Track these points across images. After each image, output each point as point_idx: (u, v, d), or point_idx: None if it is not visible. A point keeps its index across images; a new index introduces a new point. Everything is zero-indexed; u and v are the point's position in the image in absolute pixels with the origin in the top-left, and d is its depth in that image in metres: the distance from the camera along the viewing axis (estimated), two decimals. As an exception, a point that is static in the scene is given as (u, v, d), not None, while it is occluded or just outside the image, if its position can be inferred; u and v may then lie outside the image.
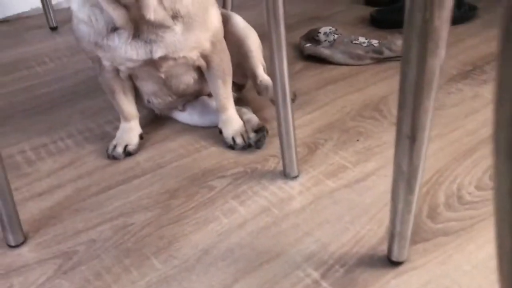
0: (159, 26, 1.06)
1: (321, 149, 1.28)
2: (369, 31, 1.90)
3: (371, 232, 1.01)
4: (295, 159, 1.15)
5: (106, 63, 1.17)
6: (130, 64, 1.14)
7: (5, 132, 1.43)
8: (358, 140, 1.31)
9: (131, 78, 1.25)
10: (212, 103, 1.38)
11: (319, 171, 1.20)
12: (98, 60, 1.18)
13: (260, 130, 1.27)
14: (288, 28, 1.03)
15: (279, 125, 1.09)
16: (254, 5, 2.14)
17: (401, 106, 0.72)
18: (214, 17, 1.17)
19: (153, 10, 1.03)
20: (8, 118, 1.50)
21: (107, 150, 1.29)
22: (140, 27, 1.06)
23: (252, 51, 1.38)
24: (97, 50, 1.13)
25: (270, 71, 1.03)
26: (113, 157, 1.28)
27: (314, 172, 1.20)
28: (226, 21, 1.32)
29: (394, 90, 1.51)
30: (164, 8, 1.05)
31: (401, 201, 0.84)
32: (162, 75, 1.20)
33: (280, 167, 1.22)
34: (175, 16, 1.08)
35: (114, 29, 1.07)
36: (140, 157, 1.30)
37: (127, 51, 1.10)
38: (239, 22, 1.37)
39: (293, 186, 1.15)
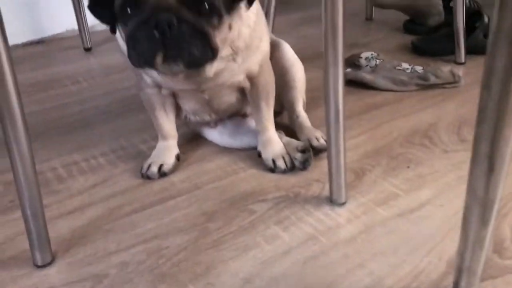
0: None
1: (368, 175, 1.20)
2: (411, 59, 1.84)
3: (431, 266, 0.91)
4: (344, 184, 1.07)
5: (149, 80, 1.13)
6: (176, 88, 1.09)
7: (36, 149, 1.37)
8: (408, 167, 1.22)
9: (173, 95, 1.20)
10: (246, 124, 1.32)
11: (368, 198, 1.11)
12: (141, 76, 1.13)
13: (306, 150, 1.19)
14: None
15: (328, 146, 1.02)
16: (290, 31, 2.10)
17: (479, 127, 0.65)
18: (265, 42, 1.14)
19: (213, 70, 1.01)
20: (40, 134, 1.46)
21: (141, 169, 1.23)
22: None
23: (295, 82, 1.33)
24: (143, 71, 1.09)
25: (323, 90, 0.96)
26: (147, 177, 1.21)
27: (363, 199, 1.11)
28: (274, 47, 1.28)
29: (443, 117, 1.43)
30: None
31: (473, 232, 0.75)
32: (206, 96, 1.17)
33: (325, 192, 1.13)
34: (235, 53, 1.05)
35: None
36: (175, 178, 1.23)
37: (177, 83, 1.07)
38: (287, 51, 1.33)
39: (341, 213, 1.07)
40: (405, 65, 1.66)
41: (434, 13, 2.03)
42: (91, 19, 2.17)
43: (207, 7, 0.89)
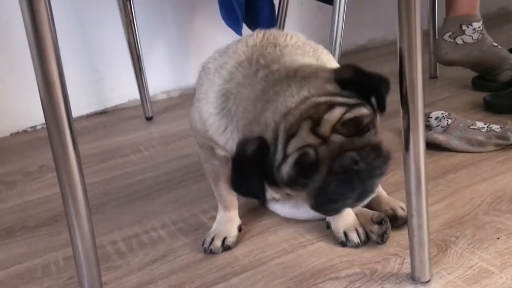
0: None
1: (453, 248, 1.07)
2: (484, 117, 1.71)
3: None
4: (428, 259, 0.95)
5: (220, 152, 1.09)
6: None
7: (97, 221, 1.35)
8: (498, 238, 1.08)
9: None
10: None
11: (455, 275, 0.98)
12: (208, 147, 1.09)
13: (383, 221, 1.08)
14: (391, 114, 0.93)
15: (409, 216, 0.91)
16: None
17: None
18: None
19: None
20: (101, 206, 1.43)
21: (203, 243, 1.16)
22: None
23: None
24: (212, 143, 1.05)
25: (403, 152, 0.88)
26: (210, 251, 1.14)
27: (450, 276, 0.98)
28: None
29: (530, 180, 1.29)
30: None
31: None
32: None
33: (405, 269, 1.01)
34: None
35: None
36: (238, 252, 1.15)
37: None
38: None
39: (426, 294, 0.94)
40: (480, 124, 1.55)
41: (506, 67, 1.91)
42: (152, 89, 2.23)
43: (369, 125, 0.85)
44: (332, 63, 1.03)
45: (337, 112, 0.80)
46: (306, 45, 1.02)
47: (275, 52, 0.95)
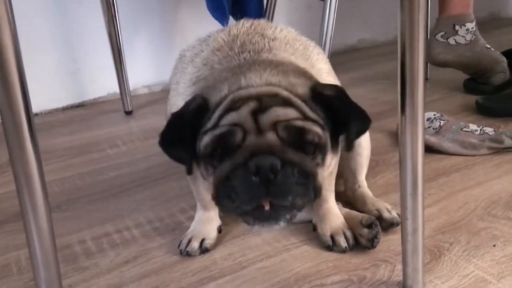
0: None
1: (447, 255, 1.00)
2: (476, 119, 1.66)
3: None
4: (421, 267, 0.88)
5: None
6: None
7: (66, 218, 1.26)
8: (494, 245, 1.02)
9: None
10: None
11: (450, 284, 0.92)
12: None
13: (373, 225, 1.01)
14: (382, 115, 0.86)
15: (403, 221, 0.84)
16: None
17: None
18: None
19: None
20: (71, 202, 1.34)
21: (179, 245, 1.07)
22: None
23: (361, 148, 1.17)
24: None
25: (400, 153, 0.81)
26: (186, 253, 1.05)
27: (444, 285, 0.91)
28: None
29: (525, 185, 1.24)
30: None
31: None
32: None
33: (396, 276, 0.94)
34: None
35: None
36: (217, 254, 1.07)
37: None
38: None
39: (419, 304, 0.87)
40: (473, 127, 1.49)
41: (498, 70, 1.86)
42: (133, 82, 2.14)
43: (313, 147, 0.75)
44: (321, 64, 0.96)
45: (288, 113, 0.72)
46: (296, 41, 0.94)
47: (263, 42, 0.88)
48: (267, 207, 0.72)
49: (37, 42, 2.00)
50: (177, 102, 0.90)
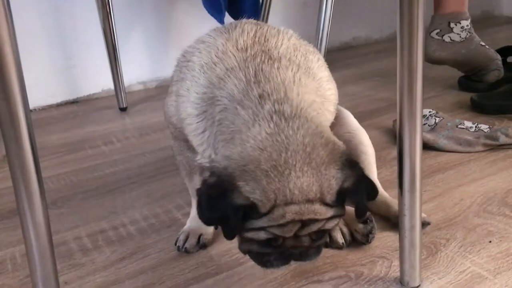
0: None
1: (444, 251, 1.00)
2: (471, 117, 1.66)
3: None
4: (419, 263, 0.88)
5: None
6: None
7: (61, 215, 1.25)
8: (490, 241, 1.02)
9: None
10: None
11: (447, 280, 0.92)
12: (183, 139, 1.00)
13: (369, 220, 1.01)
14: (377, 112, 0.87)
15: (401, 216, 0.84)
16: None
17: None
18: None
19: None
20: (66, 199, 1.33)
21: (176, 241, 1.07)
22: None
23: (365, 146, 1.16)
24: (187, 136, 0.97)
25: (397, 148, 0.81)
26: (184, 250, 1.05)
27: (441, 281, 0.92)
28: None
29: (520, 182, 1.24)
30: None
31: None
32: None
33: (393, 272, 0.95)
34: None
35: None
36: (214, 251, 1.06)
37: None
38: (347, 115, 1.17)
39: (416, 300, 0.87)
40: (468, 123, 1.49)
41: (493, 68, 1.87)
42: (128, 79, 2.13)
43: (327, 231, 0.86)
44: (322, 72, 0.95)
45: (320, 224, 0.79)
46: (297, 53, 0.93)
47: (273, 72, 0.86)
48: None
49: (31, 38, 1.98)
50: (187, 109, 0.91)
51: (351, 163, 0.80)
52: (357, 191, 0.79)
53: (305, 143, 0.77)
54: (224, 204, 0.75)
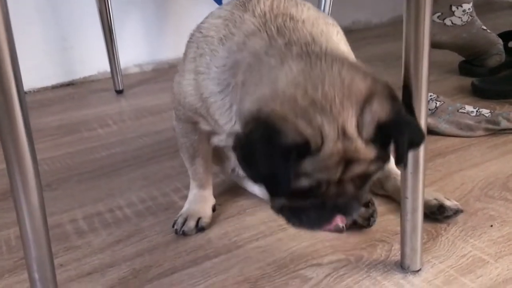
0: None
1: (445, 235, 0.99)
2: (472, 101, 1.65)
3: None
4: (420, 246, 0.87)
5: (204, 127, 0.98)
6: None
7: (57, 197, 1.23)
8: (491, 225, 1.01)
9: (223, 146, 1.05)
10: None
11: (448, 264, 0.91)
12: (190, 122, 0.98)
13: (370, 204, 1.00)
14: None
15: (404, 198, 0.83)
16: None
17: None
18: None
19: None
20: (62, 181, 1.31)
21: (174, 224, 1.05)
22: None
23: None
24: (199, 119, 0.96)
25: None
26: (183, 233, 1.03)
27: (442, 265, 0.91)
28: None
29: (522, 166, 1.23)
30: None
31: None
32: None
33: (394, 256, 0.94)
34: None
35: None
36: (212, 234, 1.05)
37: None
38: None
39: (417, 284, 0.86)
40: (469, 108, 1.48)
41: (494, 52, 1.85)
42: (124, 61, 2.09)
43: (372, 178, 0.79)
44: (342, 45, 0.91)
45: (363, 167, 0.74)
46: (319, 21, 0.87)
47: (298, 27, 0.82)
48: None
49: (25, 19, 1.95)
50: (209, 86, 0.86)
51: (393, 98, 0.74)
52: (398, 127, 0.72)
53: (342, 76, 0.71)
54: (270, 149, 0.67)
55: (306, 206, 0.77)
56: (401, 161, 0.75)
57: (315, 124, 0.68)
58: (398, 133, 0.72)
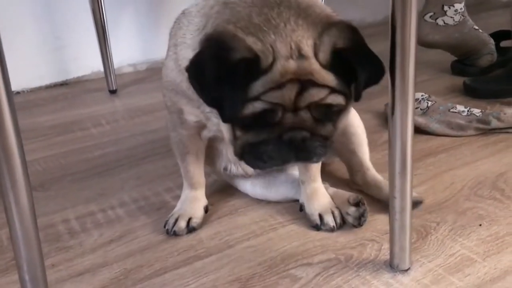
0: None
1: (434, 234, 1.00)
2: (464, 101, 1.66)
3: None
4: (409, 245, 0.88)
5: (190, 118, 0.98)
6: None
7: (49, 197, 1.24)
8: (480, 225, 1.02)
9: (213, 140, 1.05)
10: (281, 175, 1.14)
11: (436, 263, 0.92)
12: (177, 112, 0.98)
13: (360, 203, 1.01)
14: (370, 95, 0.90)
15: (392, 198, 0.84)
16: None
17: None
18: None
19: None
20: (55, 181, 1.31)
21: (165, 224, 1.06)
22: None
23: (358, 127, 1.15)
24: (182, 102, 0.94)
25: (389, 131, 0.80)
26: (173, 233, 1.04)
27: (430, 264, 0.92)
28: None
29: (511, 166, 1.24)
30: None
31: None
32: None
33: (383, 256, 0.94)
34: None
35: None
36: (203, 234, 1.06)
37: None
38: None
39: (405, 283, 0.87)
40: (460, 107, 1.49)
41: (486, 52, 1.86)
42: (118, 61, 2.09)
43: (336, 115, 0.81)
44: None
45: (320, 93, 0.74)
46: None
47: None
48: None
49: (18, 18, 1.94)
50: (186, 54, 0.85)
51: (354, 29, 0.75)
52: (356, 56, 0.73)
53: (299, 1, 0.73)
54: (220, 65, 0.69)
55: (263, 140, 0.77)
56: (359, 95, 0.77)
57: (266, 40, 0.69)
58: (356, 61, 0.73)
